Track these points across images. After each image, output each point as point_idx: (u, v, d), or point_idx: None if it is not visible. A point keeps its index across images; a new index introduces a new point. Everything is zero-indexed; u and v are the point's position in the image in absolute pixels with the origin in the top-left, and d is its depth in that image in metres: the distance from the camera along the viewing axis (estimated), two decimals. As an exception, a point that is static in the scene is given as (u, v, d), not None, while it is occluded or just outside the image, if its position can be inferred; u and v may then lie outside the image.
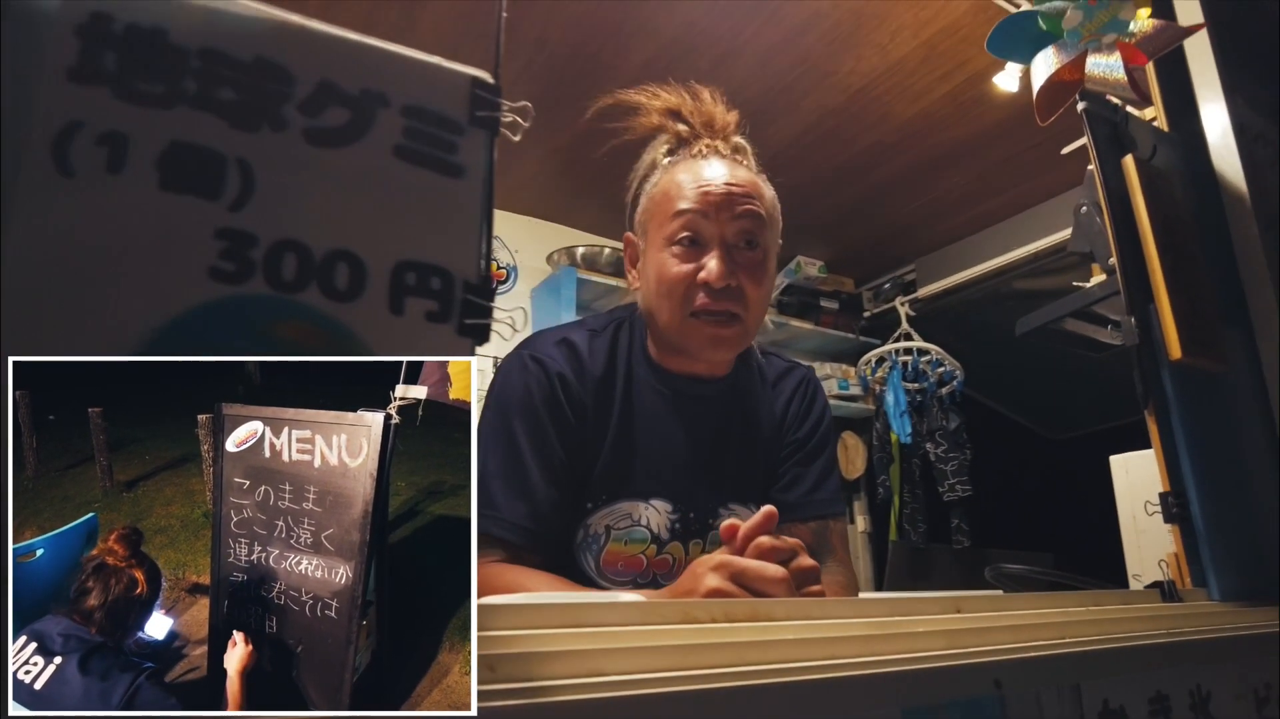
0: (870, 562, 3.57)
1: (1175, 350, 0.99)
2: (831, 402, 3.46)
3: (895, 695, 0.52)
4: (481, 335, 0.49)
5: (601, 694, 0.41)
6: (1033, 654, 0.61)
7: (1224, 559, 0.97)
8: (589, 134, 2.33)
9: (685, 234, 1.03)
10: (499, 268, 2.82)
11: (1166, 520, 1.00)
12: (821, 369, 3.54)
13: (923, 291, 3.40)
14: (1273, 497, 1.10)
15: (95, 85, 0.41)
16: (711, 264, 1.01)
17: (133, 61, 0.42)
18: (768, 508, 0.76)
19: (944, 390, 3.22)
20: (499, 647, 0.43)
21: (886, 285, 3.59)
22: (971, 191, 2.85)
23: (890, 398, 3.24)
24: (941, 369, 3.23)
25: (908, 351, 3.29)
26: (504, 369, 1.07)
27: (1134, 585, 1.50)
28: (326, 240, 0.45)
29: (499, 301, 2.87)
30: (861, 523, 3.64)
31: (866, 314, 3.67)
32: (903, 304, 3.41)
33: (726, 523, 0.75)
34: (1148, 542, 1.59)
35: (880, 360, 3.34)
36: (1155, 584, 0.93)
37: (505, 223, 3.02)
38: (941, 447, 3.18)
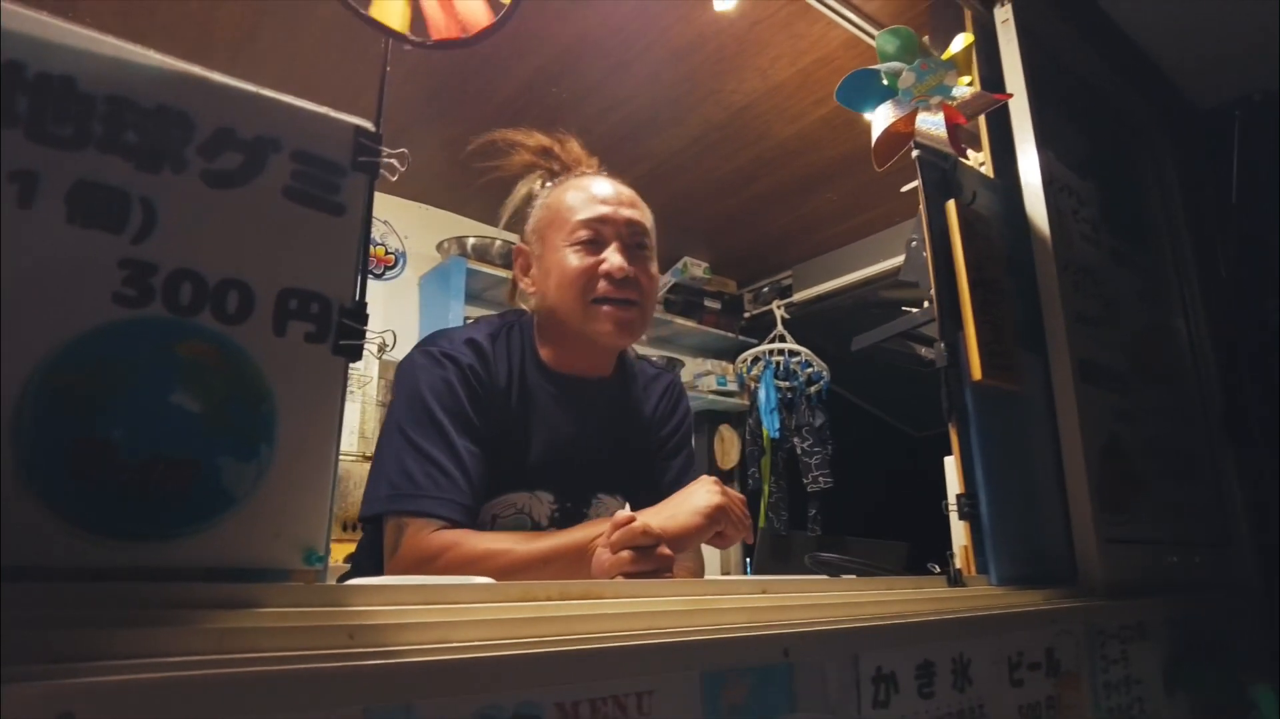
0: (740, 546, 3.77)
1: (976, 372, 1.15)
2: (710, 397, 3.62)
3: (696, 661, 0.63)
4: (354, 354, 0.57)
5: (443, 658, 0.50)
6: (819, 629, 0.74)
7: (1003, 551, 1.14)
8: (482, 127, 2.37)
9: (586, 234, 1.15)
10: (387, 253, 2.81)
11: (960, 518, 1.17)
12: (702, 365, 3.70)
13: (798, 296, 3.60)
14: (1052, 499, 1.29)
15: (8, 128, 0.46)
16: (614, 257, 1.14)
17: (43, 106, 0.48)
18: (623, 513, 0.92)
19: (812, 389, 3.44)
20: (359, 619, 0.51)
21: (765, 289, 3.78)
22: (843, 207, 3.05)
23: (763, 394, 3.43)
24: (810, 370, 3.44)
25: (780, 352, 3.48)
26: (414, 364, 1.11)
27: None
28: (219, 270, 0.52)
29: (387, 288, 2.86)
30: (733, 511, 3.83)
31: (746, 315, 3.85)
32: (779, 307, 3.60)
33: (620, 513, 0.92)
34: (970, 534, 1.78)
35: (756, 359, 3.52)
36: (944, 571, 1.10)
37: (395, 208, 2.97)
38: (807, 441, 3.40)
